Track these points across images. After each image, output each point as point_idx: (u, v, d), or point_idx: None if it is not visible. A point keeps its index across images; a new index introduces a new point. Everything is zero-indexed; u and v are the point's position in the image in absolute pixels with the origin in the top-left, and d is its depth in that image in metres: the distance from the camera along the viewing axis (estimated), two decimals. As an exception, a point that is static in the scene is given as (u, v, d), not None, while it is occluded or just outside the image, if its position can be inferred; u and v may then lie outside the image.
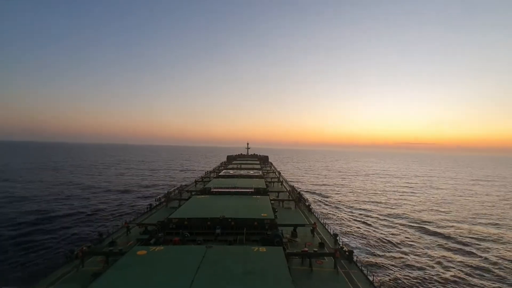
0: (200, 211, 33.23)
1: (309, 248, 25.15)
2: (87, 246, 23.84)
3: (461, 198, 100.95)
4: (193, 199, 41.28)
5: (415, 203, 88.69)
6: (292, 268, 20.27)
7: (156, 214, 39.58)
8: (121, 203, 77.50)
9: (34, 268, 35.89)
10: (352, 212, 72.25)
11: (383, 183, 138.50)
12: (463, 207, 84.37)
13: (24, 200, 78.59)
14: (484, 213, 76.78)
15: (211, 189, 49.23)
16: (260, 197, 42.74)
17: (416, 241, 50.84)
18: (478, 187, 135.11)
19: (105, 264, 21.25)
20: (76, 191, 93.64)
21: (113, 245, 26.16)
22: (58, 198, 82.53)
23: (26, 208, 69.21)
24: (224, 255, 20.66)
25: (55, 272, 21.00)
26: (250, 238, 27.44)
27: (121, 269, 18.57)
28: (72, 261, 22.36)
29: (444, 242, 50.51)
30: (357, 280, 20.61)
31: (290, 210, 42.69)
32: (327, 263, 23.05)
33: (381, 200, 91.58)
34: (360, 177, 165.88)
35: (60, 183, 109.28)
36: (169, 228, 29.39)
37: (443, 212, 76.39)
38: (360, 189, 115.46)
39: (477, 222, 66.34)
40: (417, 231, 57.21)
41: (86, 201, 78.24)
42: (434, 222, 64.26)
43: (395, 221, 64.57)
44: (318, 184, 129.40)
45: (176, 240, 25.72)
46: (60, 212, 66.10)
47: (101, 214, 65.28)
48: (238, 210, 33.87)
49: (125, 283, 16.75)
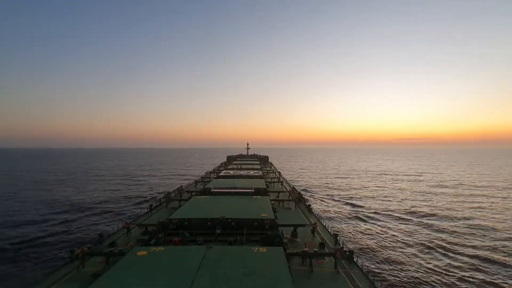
0: (200, 212, 33.21)
1: (310, 248, 25.08)
2: (87, 247, 23.84)
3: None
4: (193, 200, 41.27)
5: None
6: (293, 268, 20.21)
7: (156, 214, 39.57)
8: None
9: (34, 269, 35.88)
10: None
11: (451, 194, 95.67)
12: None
13: (24, 200, 78.68)
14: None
15: (211, 190, 49.23)
16: (260, 197, 42.69)
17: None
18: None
19: (106, 265, 21.25)
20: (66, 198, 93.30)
21: (113, 246, 26.17)
22: (55, 200, 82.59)
23: (26, 208, 69.32)
24: (224, 256, 20.62)
25: (56, 272, 20.99)
26: (250, 238, 27.43)
27: (121, 269, 18.55)
28: (73, 262, 22.36)
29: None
30: (358, 280, 20.53)
31: (290, 210, 42.62)
32: (328, 263, 22.99)
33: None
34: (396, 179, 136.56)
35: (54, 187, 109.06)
36: (169, 228, 29.37)
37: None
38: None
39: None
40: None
41: (84, 203, 78.19)
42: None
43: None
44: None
45: (176, 240, 25.69)
46: (60, 212, 66.22)
47: (101, 214, 65.33)
48: (238, 210, 33.83)
49: (125, 283, 16.72)
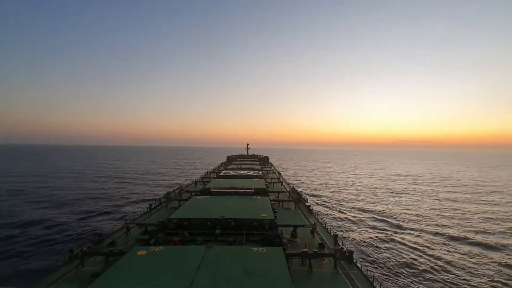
0: (200, 212, 33.23)
1: (309, 248, 25.16)
2: (87, 246, 23.88)
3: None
4: (193, 200, 41.30)
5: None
6: (292, 269, 20.26)
7: (156, 214, 39.58)
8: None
9: (34, 268, 35.87)
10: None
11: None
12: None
13: (24, 200, 78.69)
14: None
15: (211, 190, 49.27)
16: (260, 198, 42.72)
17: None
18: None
19: (105, 265, 21.28)
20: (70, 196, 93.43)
21: (113, 246, 26.21)
22: (56, 198, 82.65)
23: (26, 208, 69.28)
24: (224, 256, 20.66)
25: (55, 272, 21.02)
26: (250, 238, 27.48)
27: (121, 269, 18.57)
28: (72, 261, 22.40)
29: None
30: (357, 281, 20.57)
31: (290, 211, 42.62)
32: (327, 263, 23.02)
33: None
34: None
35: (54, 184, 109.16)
36: (169, 228, 29.40)
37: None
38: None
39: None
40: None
41: (84, 202, 78.28)
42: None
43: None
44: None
45: (176, 240, 25.74)
46: (59, 212, 66.18)
47: (101, 214, 65.31)
48: (238, 210, 33.86)
49: (124, 283, 16.74)
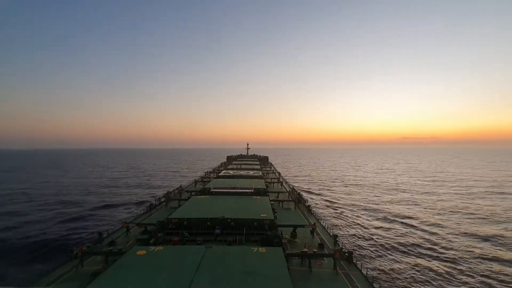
0: (200, 211, 33.25)
1: (309, 248, 25.20)
2: (86, 246, 23.92)
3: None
4: (193, 199, 41.33)
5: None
6: (292, 269, 20.27)
7: (156, 214, 39.61)
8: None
9: (34, 268, 35.85)
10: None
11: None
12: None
13: (24, 200, 78.69)
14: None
15: (210, 190, 49.30)
16: (259, 198, 42.75)
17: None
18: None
19: (105, 264, 21.28)
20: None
21: (113, 245, 26.23)
22: (57, 198, 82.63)
23: (26, 208, 69.29)
24: (224, 256, 20.69)
25: (55, 271, 21.05)
26: (249, 238, 27.49)
27: (121, 269, 18.59)
28: (72, 261, 22.42)
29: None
30: (357, 281, 20.58)
31: (290, 211, 42.62)
32: (327, 264, 23.05)
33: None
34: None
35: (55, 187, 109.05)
36: (168, 228, 29.45)
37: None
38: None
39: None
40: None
41: (85, 201, 78.26)
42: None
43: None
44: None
45: (175, 240, 25.78)
46: (59, 212, 66.16)
47: (101, 214, 65.28)
48: (237, 210, 33.89)
49: (124, 283, 16.75)
